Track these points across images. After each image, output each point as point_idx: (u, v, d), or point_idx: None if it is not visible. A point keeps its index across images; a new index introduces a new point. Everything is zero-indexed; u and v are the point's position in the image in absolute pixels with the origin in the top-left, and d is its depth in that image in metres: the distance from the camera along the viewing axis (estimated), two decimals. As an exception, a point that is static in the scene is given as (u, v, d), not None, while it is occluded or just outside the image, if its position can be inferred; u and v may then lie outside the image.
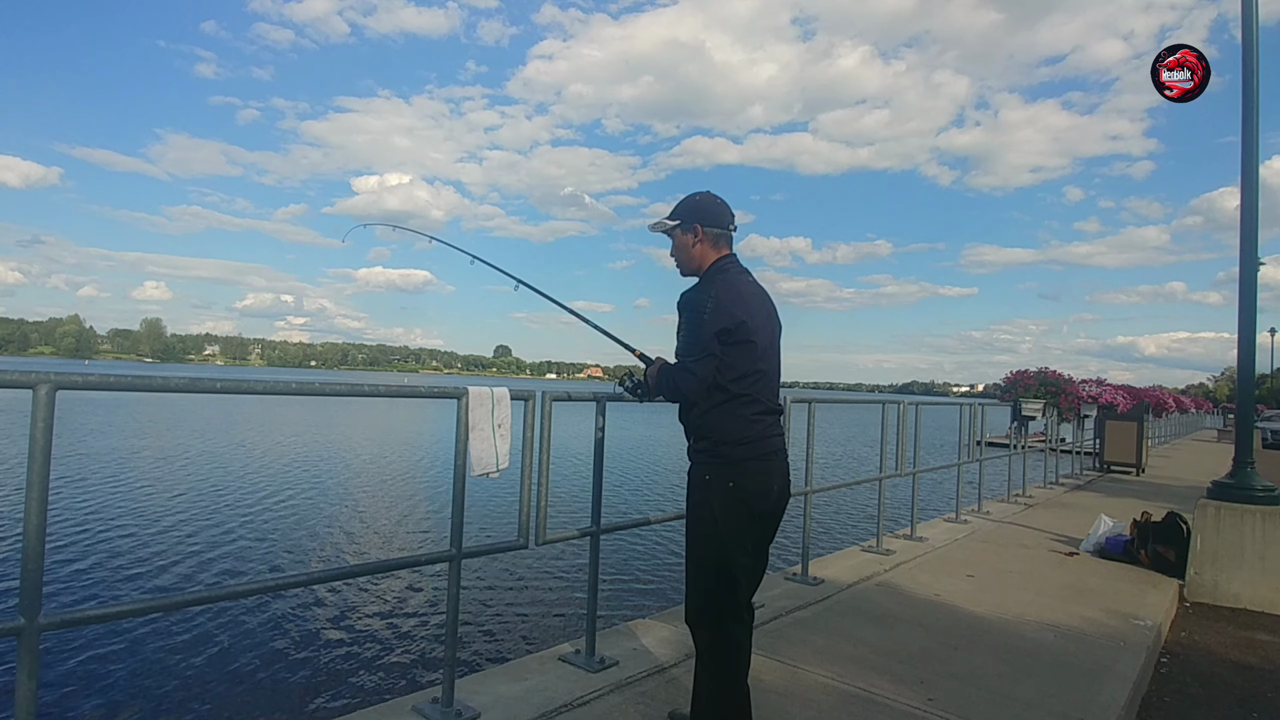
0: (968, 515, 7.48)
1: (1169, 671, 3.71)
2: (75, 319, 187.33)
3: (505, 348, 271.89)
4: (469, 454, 2.57)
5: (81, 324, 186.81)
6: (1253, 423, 5.69)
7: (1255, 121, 4.93)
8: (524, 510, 2.79)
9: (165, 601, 2.16)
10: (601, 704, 2.74)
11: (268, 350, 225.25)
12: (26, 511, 1.68)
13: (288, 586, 2.59)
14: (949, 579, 4.91)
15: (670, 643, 3.39)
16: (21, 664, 1.67)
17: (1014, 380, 12.64)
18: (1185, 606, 4.88)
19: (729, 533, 2.21)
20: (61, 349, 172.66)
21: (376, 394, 2.65)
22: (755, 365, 2.25)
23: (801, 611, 4.00)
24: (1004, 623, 4.02)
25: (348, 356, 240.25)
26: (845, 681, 3.06)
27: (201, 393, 2.02)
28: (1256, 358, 5.38)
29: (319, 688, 4.85)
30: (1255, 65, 4.89)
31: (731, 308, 2.20)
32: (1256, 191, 4.98)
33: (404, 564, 3.14)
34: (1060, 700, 2.99)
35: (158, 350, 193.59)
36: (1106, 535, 5.96)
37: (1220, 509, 5.00)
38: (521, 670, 3.01)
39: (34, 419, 1.68)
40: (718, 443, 2.23)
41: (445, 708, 2.57)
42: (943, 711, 2.82)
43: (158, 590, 6.75)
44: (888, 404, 6.15)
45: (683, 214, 2.42)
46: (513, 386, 2.76)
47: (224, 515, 9.92)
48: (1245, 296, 4.99)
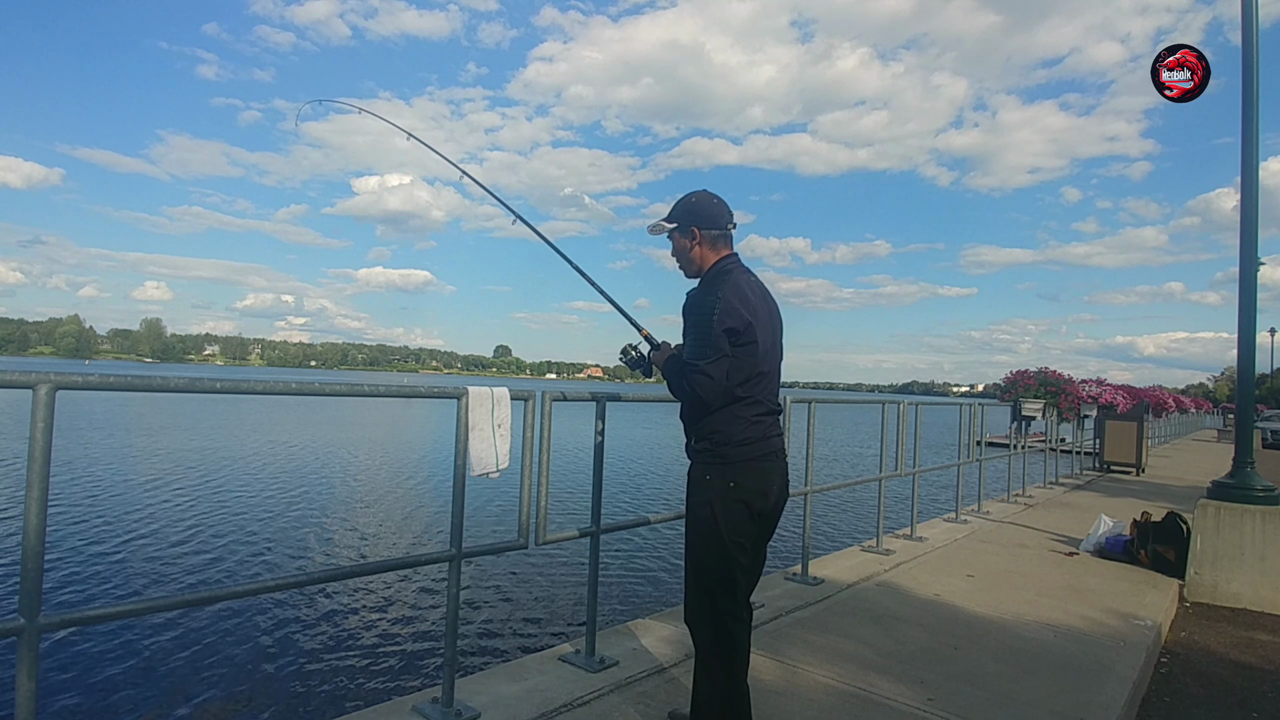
0: (968, 515, 7.49)
1: (1169, 671, 3.71)
2: (75, 319, 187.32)
3: (505, 348, 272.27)
4: (469, 454, 2.57)
5: (81, 324, 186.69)
6: (1253, 423, 5.69)
7: (1255, 121, 4.93)
8: (524, 510, 2.79)
9: (165, 601, 2.15)
10: (601, 704, 2.74)
11: (268, 350, 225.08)
12: (26, 511, 1.68)
13: (288, 586, 2.59)
14: (949, 579, 4.91)
15: (670, 643, 3.39)
16: (21, 664, 1.67)
17: (1014, 380, 12.62)
18: (1185, 606, 4.88)
19: (729, 532, 2.21)
20: (61, 349, 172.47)
21: (376, 394, 2.64)
22: (758, 367, 2.25)
23: (801, 611, 4.00)
24: (1004, 623, 4.02)
25: (348, 356, 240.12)
26: (845, 681, 3.06)
27: (201, 393, 2.02)
28: (1256, 358, 5.38)
29: (319, 687, 4.85)
30: (1255, 65, 4.88)
31: (738, 309, 2.19)
32: (1256, 191, 4.98)
33: (404, 564, 3.15)
34: (1060, 700, 2.99)
35: (158, 350, 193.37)
36: (1106, 535, 5.96)
37: (1220, 509, 5.00)
38: (521, 670, 3.01)
39: (34, 419, 1.69)
40: (718, 443, 2.24)
41: (445, 708, 2.57)
42: (943, 711, 2.82)
43: (158, 590, 6.75)
44: (888, 404, 6.14)
45: (679, 217, 2.39)
46: (513, 386, 2.76)
47: (224, 515, 9.91)
48: (1245, 296, 4.99)
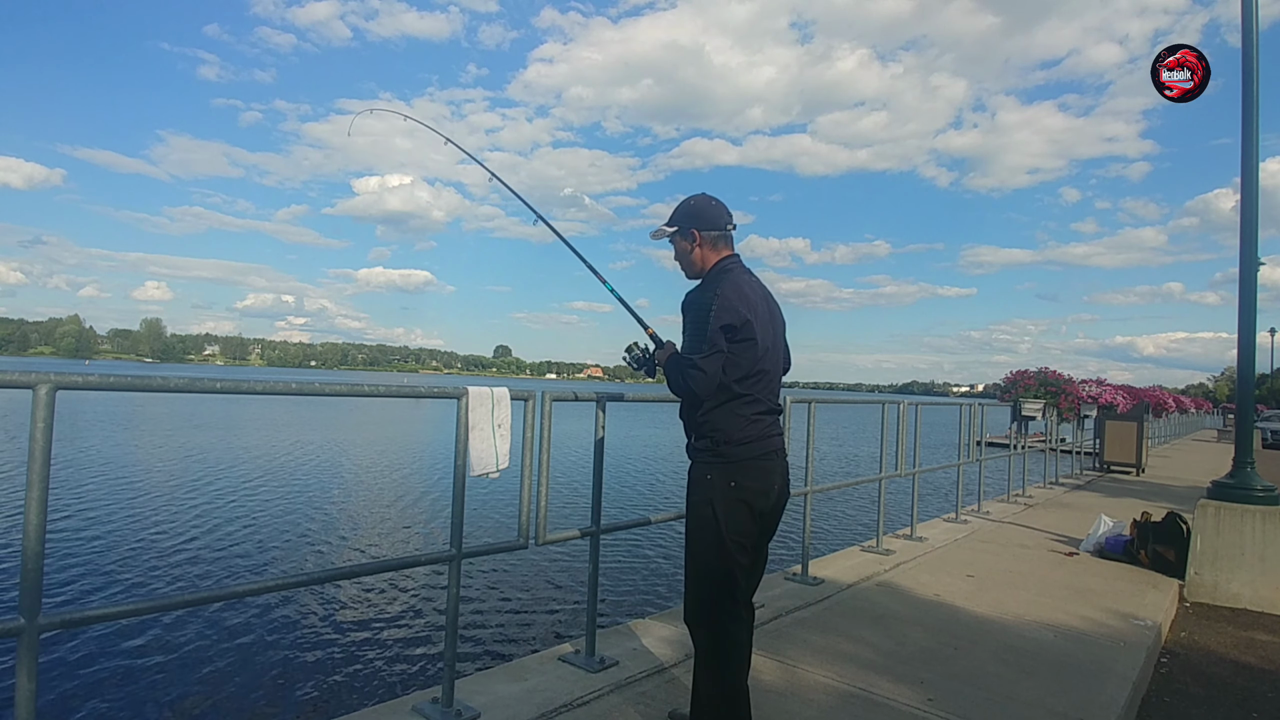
0: (968, 515, 7.49)
1: (1169, 671, 3.71)
2: (75, 319, 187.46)
3: (505, 348, 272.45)
4: (469, 454, 2.57)
5: (81, 324, 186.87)
6: (1253, 423, 5.69)
7: (1255, 121, 4.92)
8: (524, 510, 2.79)
9: (165, 602, 2.16)
10: (601, 704, 2.74)
11: (268, 350, 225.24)
12: (26, 511, 1.68)
13: (287, 586, 2.59)
14: (949, 579, 4.91)
15: (670, 643, 3.39)
16: (21, 664, 1.67)
17: (1014, 380, 12.64)
18: (1185, 606, 4.88)
19: (729, 532, 2.21)
20: (61, 349, 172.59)
21: (376, 394, 2.65)
22: (757, 365, 2.25)
23: (801, 611, 4.00)
24: (1004, 623, 4.02)
25: (348, 356, 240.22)
26: (845, 681, 3.06)
27: (201, 393, 2.03)
28: (1256, 358, 5.38)
29: (319, 687, 4.85)
30: (1255, 65, 4.88)
31: (736, 305, 2.20)
32: (1256, 191, 4.98)
33: (404, 564, 3.14)
34: (1060, 700, 2.99)
35: (157, 350, 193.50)
36: (1106, 535, 5.96)
37: (1220, 509, 5.00)
38: (521, 670, 3.01)
39: (34, 419, 1.69)
40: (718, 442, 2.24)
41: (445, 708, 2.57)
42: (943, 711, 2.82)
43: (157, 590, 6.75)
44: (888, 404, 6.14)
45: (679, 221, 2.42)
46: (513, 386, 2.76)
47: (223, 515, 9.91)
48: (1245, 296, 4.99)
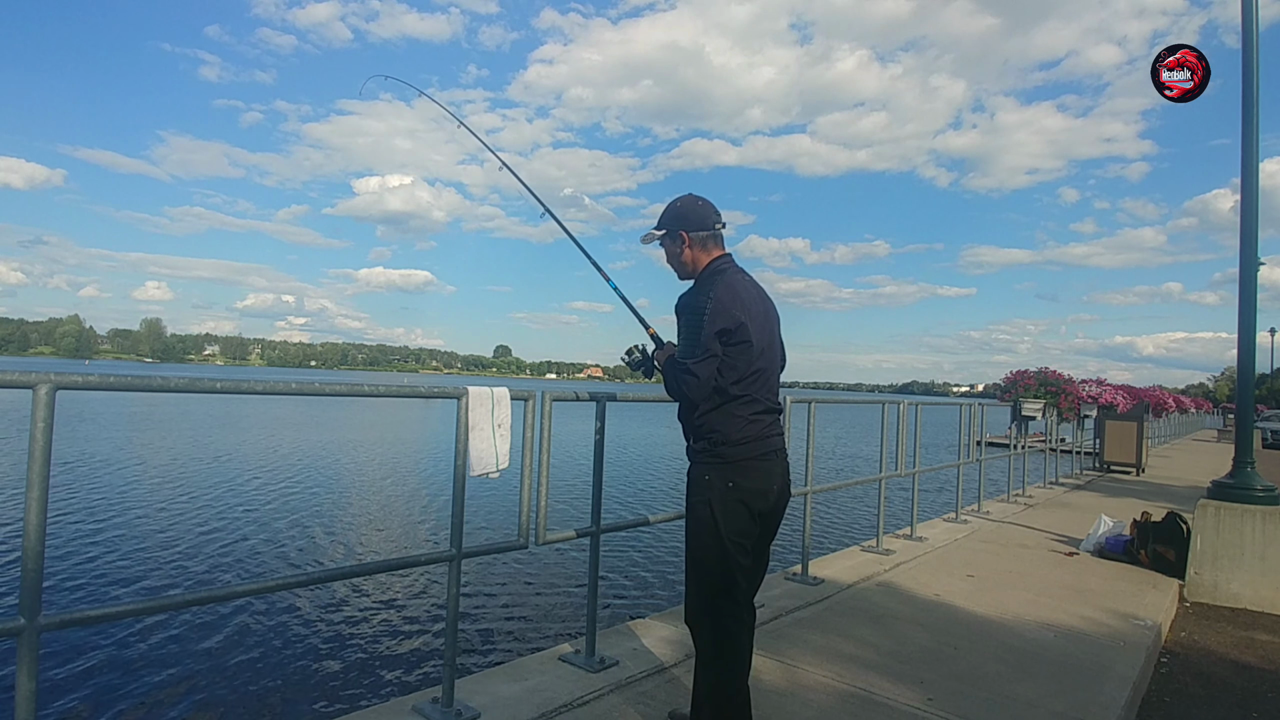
0: (968, 515, 7.48)
1: (1169, 671, 3.71)
2: (75, 319, 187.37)
3: (505, 348, 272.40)
4: (469, 454, 2.57)
5: (81, 324, 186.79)
6: (1253, 423, 5.69)
7: (1255, 122, 4.92)
8: (524, 510, 2.79)
9: (165, 601, 2.15)
10: (601, 704, 2.74)
11: (268, 350, 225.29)
12: (26, 511, 1.68)
13: (287, 587, 2.59)
14: (949, 579, 4.91)
15: (670, 643, 3.39)
16: (21, 664, 1.67)
17: (1014, 380, 12.62)
18: (1185, 606, 4.88)
19: (729, 533, 2.21)
20: (61, 349, 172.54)
21: (376, 394, 2.64)
22: (754, 366, 2.25)
23: (801, 611, 4.00)
24: (1004, 623, 4.02)
25: (348, 356, 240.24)
26: (845, 681, 3.06)
27: (201, 393, 2.03)
28: (1256, 358, 5.38)
29: (319, 688, 4.85)
30: (1255, 66, 4.88)
31: (731, 308, 2.20)
32: (1256, 192, 4.98)
33: (404, 564, 3.13)
34: (1060, 700, 2.99)
35: (158, 350, 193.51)
36: (1106, 535, 5.96)
37: (1220, 509, 5.00)
38: (521, 670, 3.01)
39: (34, 419, 1.69)
40: (717, 443, 2.24)
41: (445, 708, 2.57)
42: (943, 711, 2.82)
43: (158, 590, 6.75)
44: (888, 404, 6.14)
45: (667, 223, 2.42)
46: (513, 386, 2.76)
47: (224, 515, 9.91)
48: (1245, 296, 4.99)
